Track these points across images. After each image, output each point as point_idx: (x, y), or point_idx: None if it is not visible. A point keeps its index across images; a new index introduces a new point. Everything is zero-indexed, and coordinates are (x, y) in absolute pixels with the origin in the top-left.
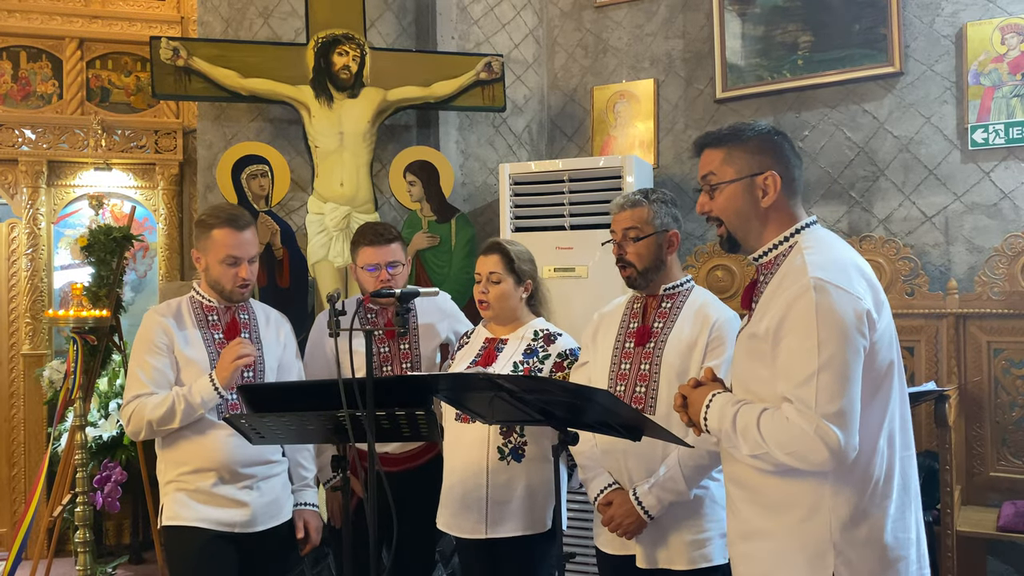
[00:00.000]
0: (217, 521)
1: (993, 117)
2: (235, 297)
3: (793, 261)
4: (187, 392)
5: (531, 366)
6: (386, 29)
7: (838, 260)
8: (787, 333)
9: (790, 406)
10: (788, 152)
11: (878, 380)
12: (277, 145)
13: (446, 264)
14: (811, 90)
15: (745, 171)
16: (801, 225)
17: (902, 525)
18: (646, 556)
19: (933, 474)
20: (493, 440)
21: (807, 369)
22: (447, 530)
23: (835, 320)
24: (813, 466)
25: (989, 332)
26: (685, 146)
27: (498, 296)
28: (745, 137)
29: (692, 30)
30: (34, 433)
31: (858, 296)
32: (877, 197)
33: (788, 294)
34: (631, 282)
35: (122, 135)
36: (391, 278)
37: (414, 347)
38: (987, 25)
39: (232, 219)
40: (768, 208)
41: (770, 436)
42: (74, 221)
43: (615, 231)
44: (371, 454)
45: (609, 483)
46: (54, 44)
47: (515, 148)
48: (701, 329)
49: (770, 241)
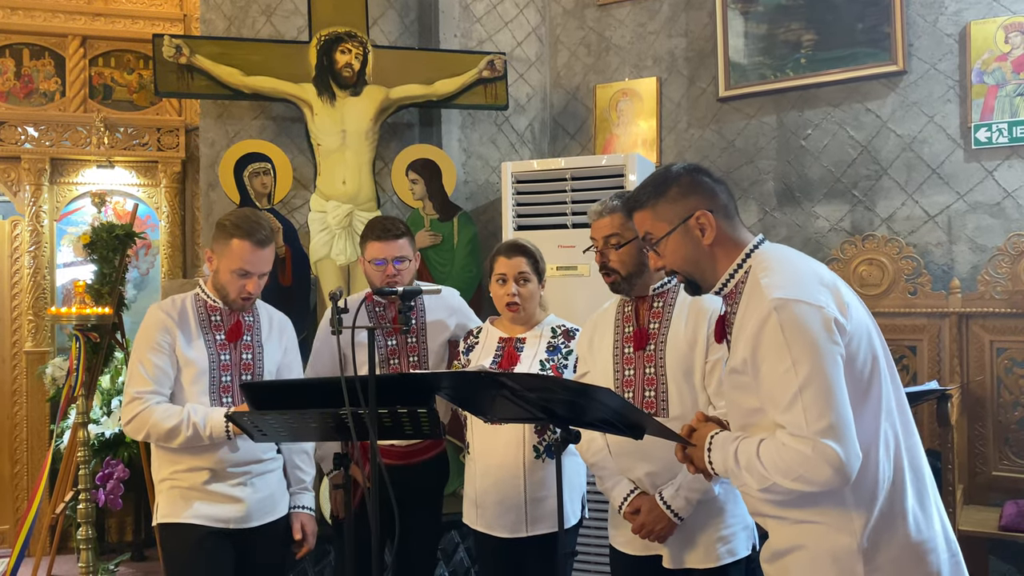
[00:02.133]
0: (212, 517)
1: (996, 116)
2: (236, 307)
3: (752, 288)
4: (199, 422)
5: (557, 363)
6: (388, 27)
7: (792, 274)
8: (762, 360)
9: (783, 432)
10: (708, 184)
11: (865, 380)
12: (279, 143)
13: (448, 262)
14: (814, 89)
15: (676, 220)
16: (749, 249)
17: (924, 517)
18: (673, 557)
19: (935, 473)
20: (529, 439)
21: (789, 391)
22: (488, 531)
23: (804, 335)
24: (820, 486)
25: (992, 331)
26: (688, 144)
27: (528, 296)
28: (664, 189)
29: (695, 28)
30: (36, 431)
31: (820, 305)
32: (880, 196)
33: (753, 322)
34: (616, 288)
35: (125, 133)
36: (397, 273)
37: (421, 341)
38: (991, 24)
39: (253, 232)
40: (712, 244)
41: (771, 465)
42: (77, 218)
43: (595, 238)
44: (373, 452)
45: (632, 489)
46: (57, 42)
47: (517, 146)
48: (698, 324)
49: (724, 272)
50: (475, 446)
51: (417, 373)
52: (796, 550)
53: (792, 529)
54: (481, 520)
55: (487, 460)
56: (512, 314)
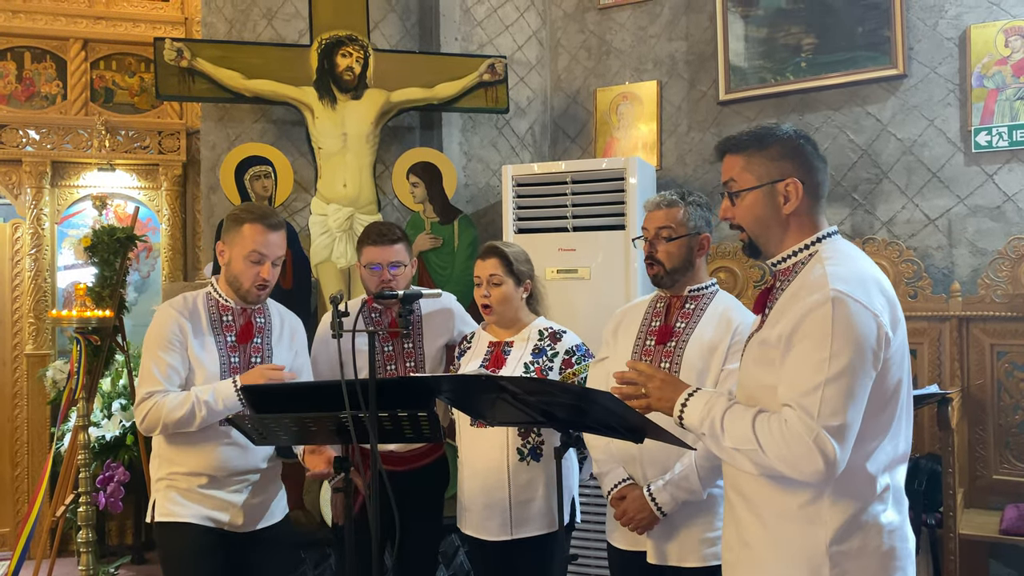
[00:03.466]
0: (208, 518)
1: (996, 120)
2: (250, 298)
3: (812, 271)
4: (209, 398)
5: (541, 366)
6: (389, 31)
7: (859, 274)
8: (799, 341)
9: (791, 411)
10: (812, 157)
11: (885, 397)
12: (280, 146)
13: (449, 266)
14: (814, 92)
15: (765, 178)
16: (822, 234)
17: (901, 535)
18: (657, 552)
19: (936, 477)
20: (512, 442)
21: (815, 379)
22: (474, 534)
23: (851, 335)
24: (803, 476)
25: (992, 335)
26: (688, 148)
27: (500, 298)
28: (766, 143)
29: (695, 32)
30: (37, 433)
31: (876, 312)
32: (880, 200)
33: (805, 303)
34: (657, 280)
35: (126, 136)
36: (393, 278)
37: (418, 346)
38: (991, 27)
39: (264, 217)
40: (790, 215)
41: (765, 437)
42: (78, 221)
43: (647, 228)
44: (374, 455)
45: (624, 478)
46: (58, 45)
47: (518, 150)
48: (724, 332)
49: (790, 248)
50: (462, 449)
51: (417, 376)
52: (762, 545)
53: (762, 521)
54: (468, 523)
55: (472, 463)
56: (487, 317)
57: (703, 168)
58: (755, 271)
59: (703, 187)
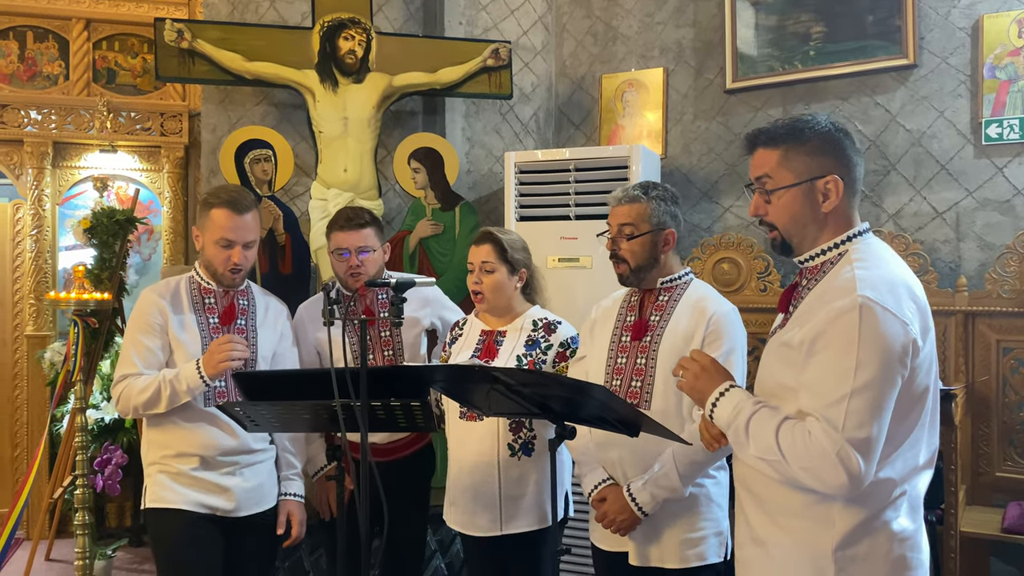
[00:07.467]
0: (200, 504)
1: (1008, 112)
2: (225, 281)
3: (841, 273)
4: (174, 378)
5: (535, 358)
6: (393, 14)
7: (889, 279)
8: (823, 348)
9: (815, 423)
10: (850, 151)
11: (910, 404)
12: (281, 130)
13: (449, 252)
14: (823, 81)
15: (805, 175)
16: (853, 233)
17: (913, 545)
18: (639, 553)
19: (938, 474)
20: (503, 436)
21: (840, 389)
22: (461, 530)
23: (879, 344)
24: (827, 488)
25: (998, 330)
26: (694, 136)
27: (492, 286)
28: (804, 137)
29: (703, 19)
30: (37, 414)
31: (906, 321)
32: (887, 191)
33: (832, 308)
34: (623, 279)
35: (128, 117)
36: (361, 264)
37: (395, 334)
38: (1004, 17)
39: (232, 201)
40: (828, 213)
41: (788, 448)
42: (79, 202)
43: (611, 224)
44: (363, 444)
45: (604, 479)
46: (61, 24)
47: (521, 136)
48: (698, 322)
49: (820, 245)
50: (450, 443)
51: (412, 366)
52: (771, 544)
53: (771, 520)
54: (456, 519)
55: (459, 458)
56: (477, 304)
57: (708, 157)
58: (759, 262)
59: (708, 176)
